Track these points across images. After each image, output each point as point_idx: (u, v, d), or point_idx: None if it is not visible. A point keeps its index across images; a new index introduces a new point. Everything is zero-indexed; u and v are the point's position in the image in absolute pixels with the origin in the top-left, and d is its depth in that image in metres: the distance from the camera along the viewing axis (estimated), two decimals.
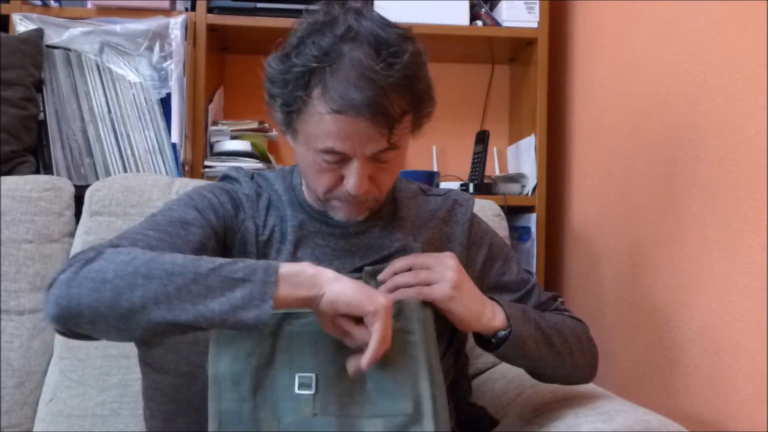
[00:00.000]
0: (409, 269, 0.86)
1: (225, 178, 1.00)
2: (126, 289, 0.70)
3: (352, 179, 0.82)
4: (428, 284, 0.85)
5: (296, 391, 0.79)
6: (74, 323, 0.72)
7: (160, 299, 0.70)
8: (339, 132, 0.79)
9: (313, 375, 0.79)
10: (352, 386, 0.79)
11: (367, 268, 0.86)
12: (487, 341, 0.90)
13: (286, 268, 0.73)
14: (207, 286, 0.70)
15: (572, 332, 0.97)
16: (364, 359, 0.73)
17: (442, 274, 0.85)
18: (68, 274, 0.73)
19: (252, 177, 0.99)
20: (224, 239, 0.91)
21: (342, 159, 0.82)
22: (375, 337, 0.73)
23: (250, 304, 0.70)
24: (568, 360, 0.94)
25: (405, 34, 0.82)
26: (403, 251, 0.92)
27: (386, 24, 0.82)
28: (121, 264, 0.72)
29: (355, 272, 0.88)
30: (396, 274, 0.86)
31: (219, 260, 0.73)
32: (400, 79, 0.78)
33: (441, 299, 0.84)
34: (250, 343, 0.79)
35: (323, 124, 0.79)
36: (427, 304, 0.83)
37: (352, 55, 0.78)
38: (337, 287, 0.73)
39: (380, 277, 0.86)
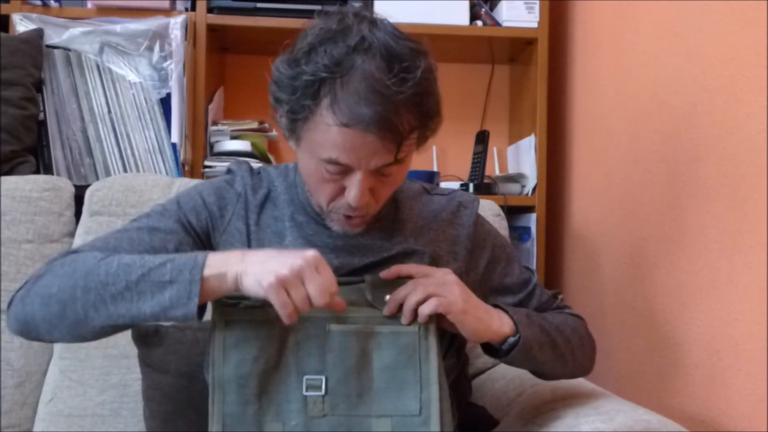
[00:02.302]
0: (410, 276, 0.86)
1: (228, 171, 1.01)
2: (69, 301, 0.78)
3: (354, 191, 0.81)
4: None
5: (304, 393, 0.80)
6: (35, 334, 0.82)
7: (99, 307, 0.77)
8: (345, 145, 0.78)
9: (322, 377, 0.80)
10: (360, 386, 0.80)
11: (368, 278, 0.86)
12: (494, 348, 0.90)
13: (213, 264, 0.77)
14: (138, 291, 0.77)
15: (574, 332, 0.97)
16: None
17: (449, 289, 0.84)
18: (22, 291, 0.83)
19: (255, 172, 0.99)
20: (207, 240, 0.93)
21: (345, 170, 0.81)
22: (312, 293, 0.75)
23: (177, 303, 0.76)
24: (570, 359, 0.95)
25: (418, 48, 0.81)
26: (404, 255, 0.92)
27: (399, 36, 0.80)
28: (63, 278, 0.80)
29: (356, 274, 0.88)
30: (400, 276, 0.86)
31: (151, 262, 0.78)
32: (411, 96, 0.78)
33: (456, 312, 0.83)
34: (257, 348, 0.80)
35: (329, 135, 0.78)
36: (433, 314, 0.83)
37: (364, 68, 0.77)
38: (247, 277, 0.75)
39: (383, 274, 0.86)
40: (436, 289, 0.83)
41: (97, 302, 0.77)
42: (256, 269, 0.75)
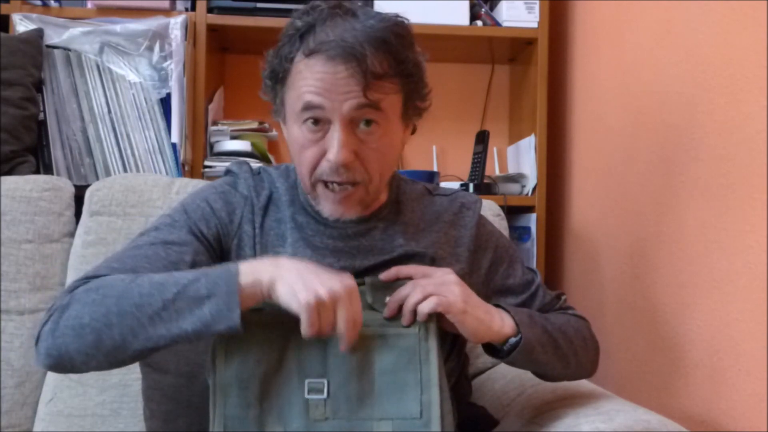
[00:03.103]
0: (410, 277, 0.85)
1: (228, 172, 1.00)
2: (104, 329, 0.75)
3: (334, 145, 0.82)
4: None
5: (306, 396, 0.80)
6: (69, 367, 0.78)
7: (137, 331, 0.74)
8: (315, 82, 0.81)
9: (324, 380, 0.80)
10: (361, 389, 0.80)
11: (368, 280, 0.85)
12: (495, 349, 0.89)
13: (246, 273, 0.76)
14: (176, 310, 0.74)
15: (577, 333, 0.97)
16: (342, 344, 0.77)
17: (449, 288, 0.84)
18: (50, 325, 0.77)
19: (255, 172, 0.98)
20: (219, 248, 0.92)
21: (322, 121, 0.83)
22: (340, 323, 0.75)
23: (219, 317, 0.74)
24: (573, 360, 0.95)
25: (395, 18, 0.85)
26: (406, 257, 0.92)
27: (382, 16, 0.84)
28: (93, 305, 0.76)
29: (357, 276, 0.88)
30: (399, 277, 0.86)
31: (184, 279, 0.76)
32: (379, 35, 0.81)
33: (456, 312, 0.83)
34: (259, 350, 0.80)
35: (301, 76, 0.82)
36: (433, 314, 0.83)
37: (337, 18, 0.82)
38: (282, 284, 0.75)
39: (382, 276, 0.86)
40: (436, 288, 0.83)
41: (135, 326, 0.74)
42: (293, 280, 0.74)
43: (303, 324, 0.74)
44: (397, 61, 0.83)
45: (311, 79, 0.81)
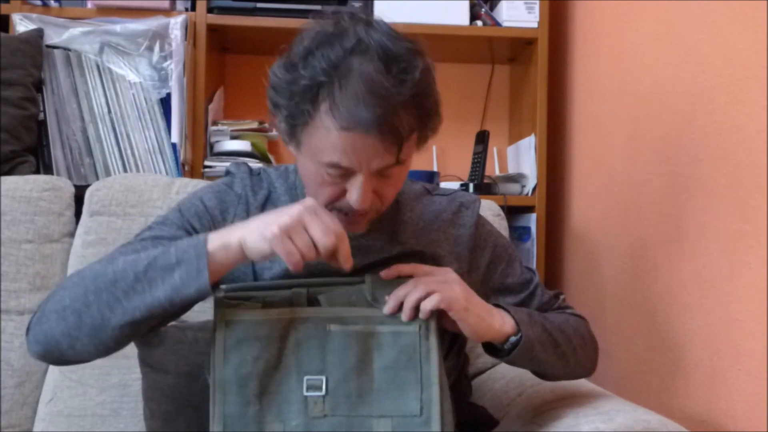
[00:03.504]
0: (411, 276, 0.85)
1: (227, 173, 1.00)
2: (83, 308, 0.78)
3: (356, 194, 0.81)
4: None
5: (304, 393, 0.80)
6: (58, 354, 0.81)
7: (114, 306, 0.77)
8: (346, 148, 0.78)
9: (323, 377, 0.80)
10: (360, 386, 0.80)
11: (368, 277, 0.85)
12: (495, 348, 0.90)
13: (215, 237, 0.77)
14: (148, 280, 0.77)
15: (575, 332, 0.97)
16: (342, 261, 0.77)
17: (450, 286, 0.84)
18: (38, 314, 0.82)
19: (254, 173, 0.99)
20: None
21: (346, 173, 0.81)
22: (315, 234, 0.75)
23: (188, 280, 0.76)
24: (572, 359, 0.95)
25: (415, 48, 0.81)
26: (405, 256, 0.92)
27: (395, 37, 0.80)
28: (73, 287, 0.80)
29: (356, 275, 0.89)
30: (401, 275, 0.86)
31: (155, 252, 0.79)
32: (410, 96, 0.78)
33: (458, 309, 0.83)
34: (258, 348, 0.80)
35: (330, 139, 0.78)
36: (434, 312, 0.83)
37: (361, 70, 0.76)
38: (248, 238, 0.76)
39: (383, 274, 0.86)
40: (438, 286, 0.83)
41: (111, 301, 0.77)
42: (256, 226, 0.76)
43: (283, 258, 0.74)
44: (421, 114, 0.81)
45: (341, 144, 0.78)
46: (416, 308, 0.82)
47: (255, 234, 0.75)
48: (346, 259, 0.78)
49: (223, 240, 0.77)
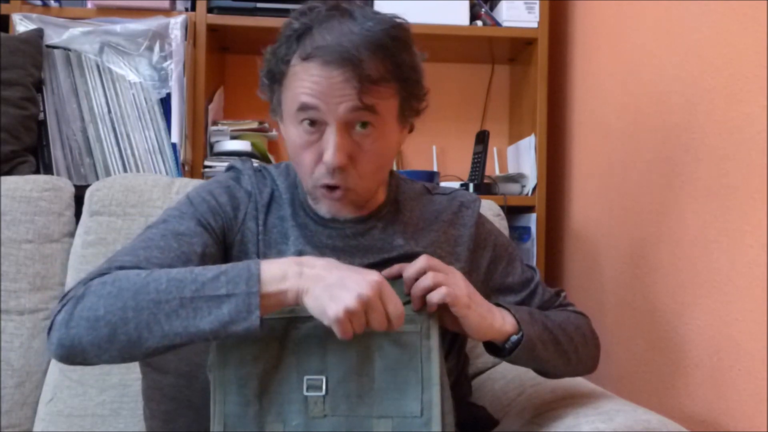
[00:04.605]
0: (422, 273, 0.84)
1: (231, 168, 1.00)
2: (120, 323, 0.74)
3: (329, 148, 0.82)
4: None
5: (304, 393, 0.79)
6: (81, 359, 0.76)
7: (153, 328, 0.73)
8: (311, 85, 0.81)
9: (323, 377, 0.80)
10: (361, 387, 0.80)
11: None
12: (497, 347, 0.90)
13: (268, 272, 0.74)
14: (194, 308, 0.73)
15: (577, 330, 0.97)
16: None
17: (456, 282, 0.84)
18: (64, 315, 0.76)
19: (257, 170, 0.99)
20: (223, 240, 0.92)
21: (318, 123, 0.83)
22: (374, 325, 0.74)
23: (237, 318, 0.72)
24: (573, 357, 0.95)
25: (392, 19, 0.84)
26: (405, 257, 0.91)
27: (377, 14, 0.84)
28: (109, 298, 0.75)
29: None
30: (402, 275, 0.85)
31: (202, 276, 0.75)
32: (378, 40, 0.80)
33: (461, 305, 0.83)
34: (257, 348, 0.80)
35: (296, 78, 0.82)
36: (434, 311, 0.83)
37: (334, 20, 0.82)
38: (309, 298, 0.73)
39: (384, 273, 0.85)
40: (445, 279, 0.83)
41: (151, 322, 0.73)
42: (319, 293, 0.73)
43: (337, 334, 0.73)
44: (393, 65, 0.83)
45: (307, 81, 0.81)
46: (423, 299, 0.82)
47: (316, 302, 0.73)
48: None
49: (280, 286, 0.74)
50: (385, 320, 0.74)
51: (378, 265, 0.90)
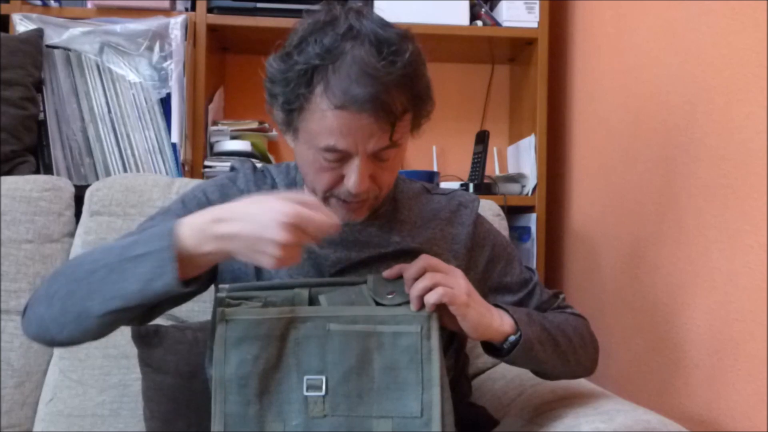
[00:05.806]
0: (422, 273, 0.84)
1: (231, 169, 1.01)
2: (67, 296, 0.79)
3: (353, 177, 0.82)
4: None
5: (304, 393, 0.80)
6: (49, 337, 0.82)
7: (93, 296, 0.77)
8: (341, 129, 0.79)
9: (323, 377, 0.80)
10: (361, 387, 0.80)
11: (370, 278, 0.85)
12: (495, 348, 0.90)
13: (185, 227, 0.75)
14: (120, 271, 0.76)
15: (575, 331, 0.97)
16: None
17: (456, 281, 0.84)
18: (31, 298, 0.85)
19: (256, 170, 0.99)
20: None
21: (343, 157, 0.82)
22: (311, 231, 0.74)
23: (154, 275, 0.74)
24: (572, 359, 0.95)
25: (404, 33, 0.83)
26: (402, 253, 0.92)
27: (386, 24, 0.83)
28: (62, 275, 0.82)
29: (353, 268, 0.88)
30: (402, 275, 0.85)
31: (127, 240, 0.79)
32: (401, 76, 0.79)
33: (459, 304, 0.83)
34: (258, 347, 0.80)
35: (325, 121, 0.79)
36: (434, 310, 0.83)
37: (354, 53, 0.78)
38: (242, 257, 0.74)
39: (385, 274, 0.86)
40: (444, 279, 0.83)
41: (90, 290, 0.77)
42: (244, 250, 0.74)
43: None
44: (413, 95, 0.82)
45: (336, 125, 0.79)
46: (422, 299, 0.82)
47: (248, 259, 0.74)
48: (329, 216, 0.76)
49: (202, 246, 0.75)
50: (320, 236, 0.75)
51: (374, 259, 0.91)
